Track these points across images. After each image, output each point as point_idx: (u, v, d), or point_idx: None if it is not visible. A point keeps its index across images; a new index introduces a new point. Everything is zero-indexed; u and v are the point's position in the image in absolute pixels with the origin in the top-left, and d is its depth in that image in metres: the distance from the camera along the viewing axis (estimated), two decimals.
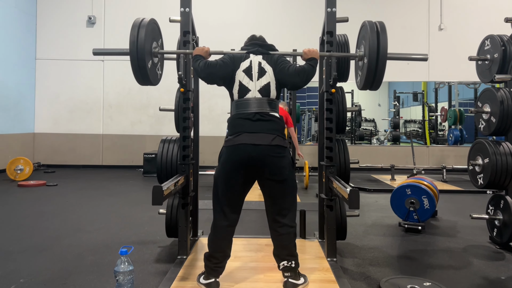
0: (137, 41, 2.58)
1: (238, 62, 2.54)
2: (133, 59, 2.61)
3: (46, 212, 4.74)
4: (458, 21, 9.15)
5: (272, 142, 2.37)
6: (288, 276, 2.42)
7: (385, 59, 2.51)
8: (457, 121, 9.45)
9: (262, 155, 2.35)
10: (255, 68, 2.51)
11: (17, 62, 8.62)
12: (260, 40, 2.68)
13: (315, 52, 2.56)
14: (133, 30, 2.61)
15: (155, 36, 2.82)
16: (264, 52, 2.58)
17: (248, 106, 2.46)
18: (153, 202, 2.36)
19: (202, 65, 2.52)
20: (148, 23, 2.67)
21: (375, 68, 2.51)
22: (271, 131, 2.41)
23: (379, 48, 2.49)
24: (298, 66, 2.50)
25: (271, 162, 2.36)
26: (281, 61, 2.55)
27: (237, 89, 2.50)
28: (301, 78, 2.48)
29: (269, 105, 2.48)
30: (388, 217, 4.56)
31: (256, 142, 2.36)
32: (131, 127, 9.12)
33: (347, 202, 2.35)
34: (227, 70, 2.51)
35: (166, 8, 8.80)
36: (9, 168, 7.07)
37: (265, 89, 2.48)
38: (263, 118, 2.43)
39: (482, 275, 2.89)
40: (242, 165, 2.37)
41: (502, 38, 3.49)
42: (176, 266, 2.84)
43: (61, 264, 3.01)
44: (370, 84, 2.59)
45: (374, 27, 2.55)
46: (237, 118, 2.47)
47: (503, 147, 3.33)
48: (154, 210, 4.19)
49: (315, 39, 4.17)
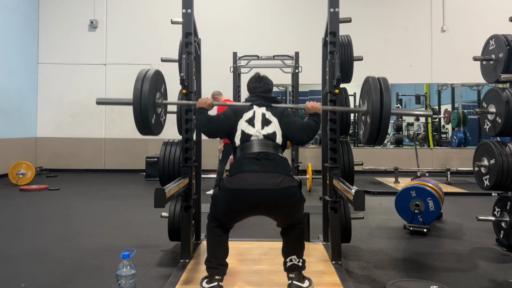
0: (141, 95, 2.52)
1: (240, 114, 2.52)
2: (136, 112, 2.53)
3: (48, 216, 4.72)
4: (461, 23, 9.12)
5: (279, 184, 2.23)
6: (293, 278, 2.38)
7: (389, 117, 2.47)
8: (460, 123, 9.39)
9: (269, 203, 2.25)
10: (259, 118, 2.48)
11: (19, 66, 8.63)
12: (263, 86, 2.65)
13: (318, 107, 2.57)
14: (137, 83, 2.54)
15: (158, 87, 2.76)
16: (268, 104, 2.56)
17: (252, 146, 2.41)
18: (155, 205, 2.34)
19: (204, 120, 2.52)
20: (152, 76, 2.60)
21: (379, 126, 2.47)
22: (277, 171, 2.28)
23: (382, 107, 2.44)
24: (304, 122, 2.50)
25: (280, 208, 2.29)
26: (286, 114, 2.54)
27: (239, 137, 2.47)
28: (307, 134, 2.47)
29: (274, 148, 2.42)
30: (392, 220, 4.52)
31: (262, 185, 2.21)
32: (133, 131, 9.01)
33: (352, 203, 2.32)
34: (229, 124, 2.51)
35: (168, 10, 8.82)
36: (11, 172, 7.06)
37: (271, 136, 2.45)
38: (268, 157, 2.34)
39: (490, 277, 2.85)
40: (244, 211, 2.32)
41: (507, 37, 3.46)
42: (178, 270, 2.81)
43: (62, 268, 2.98)
44: (373, 140, 2.55)
45: (377, 86, 2.51)
46: (241, 157, 2.40)
47: (509, 148, 3.29)
48: (156, 214, 4.16)
49: (316, 41, 4.16)
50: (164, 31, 8.41)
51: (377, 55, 8.96)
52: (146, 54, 9.04)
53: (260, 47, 8.31)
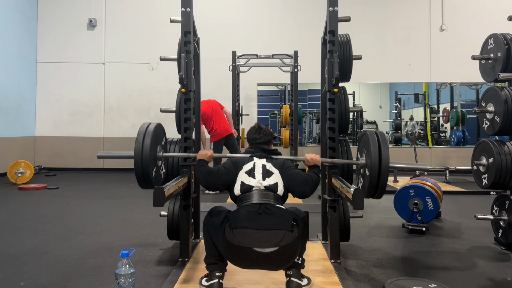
0: (142, 150, 2.55)
1: (240, 166, 2.52)
2: (138, 166, 2.56)
3: (46, 215, 4.72)
4: (460, 22, 9.13)
5: (281, 242, 2.16)
6: (291, 275, 2.38)
7: (387, 171, 2.48)
8: (459, 122, 9.41)
9: (268, 264, 2.24)
10: (259, 169, 2.48)
11: (18, 65, 8.62)
12: (263, 137, 2.67)
13: (318, 160, 2.61)
14: (138, 138, 2.57)
15: (159, 140, 2.78)
16: (268, 156, 2.57)
17: (252, 197, 2.38)
18: (154, 204, 2.34)
19: (205, 173, 2.52)
20: (153, 130, 2.63)
21: (377, 181, 2.48)
22: (278, 227, 2.21)
23: (380, 161, 2.46)
24: (305, 175, 2.50)
25: (280, 263, 2.30)
26: (287, 166, 2.55)
27: (238, 188, 2.45)
28: (309, 187, 2.47)
29: (275, 199, 2.40)
30: (391, 219, 4.52)
31: (262, 245, 2.15)
32: (132, 129, 9.08)
33: (351, 202, 2.33)
34: (229, 177, 2.51)
35: (167, 9, 8.79)
36: (10, 171, 7.05)
37: (273, 187, 2.43)
38: (269, 210, 2.28)
39: (488, 276, 2.85)
40: (242, 264, 2.31)
41: (506, 36, 3.46)
42: (178, 268, 2.81)
43: (61, 267, 2.98)
44: (373, 194, 2.56)
45: (375, 140, 2.53)
46: (241, 208, 2.36)
47: (507, 146, 3.30)
48: (155, 213, 4.16)
49: (315, 40, 4.16)
50: (163, 30, 8.39)
51: (376, 54, 8.96)
52: (145, 53, 9.04)
53: (259, 46, 8.31)
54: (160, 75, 9.01)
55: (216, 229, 2.33)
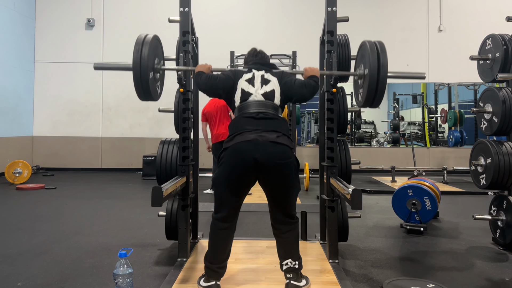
0: (141, 58, 2.55)
1: (240, 75, 2.55)
2: (136, 77, 2.55)
3: (44, 215, 4.70)
4: (458, 23, 9.15)
5: (277, 139, 2.28)
6: (290, 278, 2.39)
7: (386, 77, 2.49)
8: (457, 123, 9.43)
9: (266, 159, 2.24)
10: (258, 79, 2.52)
11: (16, 65, 8.59)
12: (261, 58, 2.69)
13: (316, 70, 2.64)
14: (136, 47, 2.56)
15: (157, 53, 2.77)
16: (266, 68, 2.60)
17: (250, 106, 2.44)
18: (152, 203, 2.33)
19: (204, 78, 2.57)
20: (151, 40, 2.62)
21: (376, 86, 2.50)
22: (275, 129, 2.34)
23: (379, 66, 2.47)
24: (303, 80, 2.57)
25: (276, 170, 2.28)
26: (286, 74, 2.59)
27: (239, 95, 2.49)
28: (308, 90, 2.52)
29: (273, 108, 2.46)
30: (389, 219, 4.53)
31: (260, 138, 2.26)
32: (130, 129, 9.08)
33: (350, 202, 2.32)
34: (229, 82, 2.53)
35: (165, 9, 8.80)
36: (7, 171, 7.03)
37: (269, 95, 2.48)
38: (267, 116, 2.39)
39: (486, 276, 2.86)
40: (244, 170, 2.29)
41: (504, 37, 3.47)
42: (176, 268, 2.80)
43: (59, 267, 2.97)
44: (371, 102, 2.58)
45: (374, 47, 2.54)
46: (239, 117, 2.44)
47: (505, 147, 3.31)
48: (153, 213, 4.15)
49: (314, 40, 4.16)
50: (162, 30, 8.34)
51: None
52: None
53: (258, 46, 8.27)
54: None
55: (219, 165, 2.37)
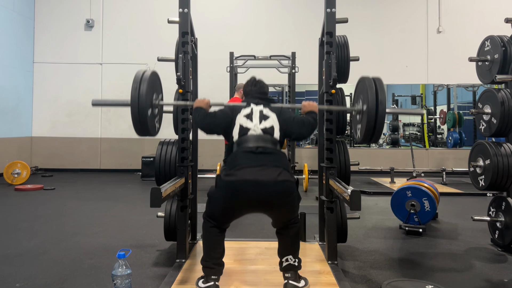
0: (139, 96, 2.51)
1: (238, 110, 2.52)
2: (134, 113, 2.51)
3: (43, 216, 4.70)
4: (456, 24, 9.16)
5: (278, 177, 2.21)
6: (289, 278, 2.38)
7: (384, 115, 2.47)
8: (456, 124, 9.43)
9: (268, 199, 2.23)
10: (256, 114, 2.49)
11: (15, 65, 8.59)
12: (260, 89, 2.67)
13: (314, 105, 2.63)
14: (134, 84, 2.53)
15: (155, 88, 2.74)
16: (265, 103, 2.58)
17: (249, 141, 2.38)
18: (151, 204, 2.33)
19: (202, 115, 2.54)
20: (150, 77, 2.59)
21: (374, 125, 2.46)
22: (276, 164, 2.27)
23: (377, 105, 2.44)
24: (303, 117, 2.54)
25: (279, 206, 2.29)
26: (284, 110, 2.57)
27: (237, 131, 2.45)
28: (307, 129, 2.50)
29: (272, 143, 2.41)
30: (388, 220, 4.53)
31: (260, 177, 2.20)
32: (129, 130, 8.96)
33: (349, 203, 2.32)
34: (227, 119, 2.50)
35: (164, 9, 8.80)
36: (6, 172, 7.02)
37: (269, 130, 2.44)
38: (266, 151, 2.33)
39: (485, 277, 2.86)
40: (243, 208, 2.30)
41: (502, 38, 3.48)
42: (174, 269, 2.80)
43: (58, 268, 2.96)
44: (369, 139, 2.54)
45: (372, 85, 2.50)
46: (238, 152, 2.37)
47: (504, 148, 3.31)
48: (152, 214, 4.14)
49: (314, 41, 4.16)
50: (161, 31, 8.40)
51: (374, 56, 8.98)
52: (143, 53, 9.02)
53: (257, 47, 8.31)
54: None
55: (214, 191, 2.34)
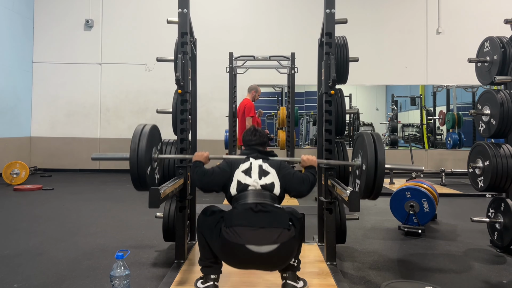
0: (138, 151, 2.52)
1: (236, 165, 2.50)
2: (133, 168, 2.52)
3: (42, 216, 4.69)
4: (456, 25, 9.17)
5: (277, 240, 2.14)
6: (287, 277, 2.37)
7: (383, 172, 2.47)
8: (455, 125, 9.43)
9: (264, 262, 2.21)
10: (255, 169, 2.46)
11: (14, 65, 8.57)
12: (259, 139, 2.66)
13: (313, 160, 2.61)
14: (134, 139, 2.54)
15: (154, 142, 2.76)
16: (264, 157, 2.56)
17: (248, 197, 2.35)
18: (150, 205, 2.33)
19: (200, 174, 2.49)
20: (149, 132, 2.62)
21: (374, 181, 2.46)
22: (275, 225, 2.20)
23: (376, 163, 2.44)
24: (302, 174, 2.50)
25: (275, 267, 2.31)
26: (284, 166, 2.55)
27: (235, 187, 2.42)
28: (306, 187, 2.46)
29: (271, 199, 2.37)
30: (387, 221, 4.52)
31: (259, 243, 2.13)
32: (128, 130, 9.05)
33: (348, 204, 2.32)
34: (225, 176, 2.48)
35: (163, 10, 8.80)
36: (5, 172, 7.00)
37: (269, 187, 2.41)
38: (266, 209, 2.26)
39: (483, 279, 2.86)
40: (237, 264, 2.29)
41: (502, 39, 3.48)
42: (173, 270, 2.80)
43: (56, 268, 2.96)
44: (368, 195, 2.55)
45: (371, 141, 2.51)
46: (236, 207, 2.33)
47: (503, 149, 3.31)
48: (151, 214, 4.14)
49: (313, 42, 4.16)
50: (160, 31, 8.39)
51: (373, 57, 8.98)
52: (142, 53, 9.02)
53: (256, 48, 8.29)
54: (156, 76, 9.00)
55: (211, 230, 2.31)
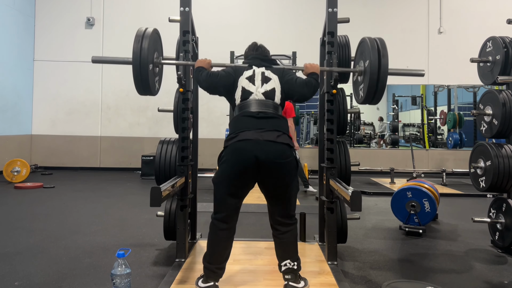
0: (141, 50, 2.54)
1: (240, 72, 2.54)
2: (136, 69, 2.55)
3: (42, 214, 4.69)
4: (458, 25, 9.15)
5: (277, 139, 2.29)
6: (289, 279, 2.37)
7: (387, 70, 2.48)
8: (456, 125, 9.43)
9: (266, 157, 2.24)
10: (258, 76, 2.51)
11: (15, 63, 8.58)
12: (261, 53, 2.67)
13: (316, 67, 2.60)
14: (136, 39, 2.56)
15: (157, 47, 2.77)
16: (266, 65, 2.59)
17: (251, 105, 2.43)
18: (151, 204, 2.32)
19: (205, 75, 2.54)
20: (151, 34, 2.62)
21: (377, 80, 2.49)
22: (276, 128, 2.34)
23: (380, 59, 2.46)
24: (304, 78, 2.54)
25: (276, 168, 2.28)
26: (287, 72, 2.58)
27: (239, 94, 2.48)
28: (308, 89, 2.50)
29: (273, 108, 2.45)
30: (388, 220, 4.52)
31: (260, 138, 2.27)
32: (129, 129, 9.07)
33: (349, 204, 2.32)
34: (229, 80, 2.52)
35: (165, 8, 8.78)
36: (5, 170, 7.01)
37: (270, 94, 2.47)
38: (267, 115, 2.39)
39: (485, 279, 2.85)
40: (244, 168, 2.28)
41: (505, 39, 3.47)
42: (174, 269, 2.79)
43: (57, 266, 2.96)
44: (372, 97, 2.57)
45: (374, 43, 2.54)
46: (240, 116, 2.43)
47: (505, 149, 3.31)
48: (152, 213, 4.14)
49: (315, 41, 4.15)
50: (162, 29, 8.32)
51: None
52: None
53: None
54: None
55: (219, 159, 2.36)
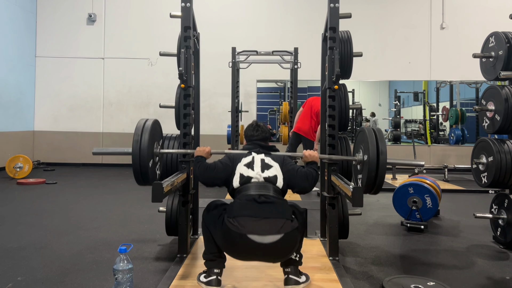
0: (140, 146, 2.52)
1: (238, 160, 2.50)
2: (135, 163, 2.53)
3: (45, 210, 4.71)
4: (460, 20, 9.10)
5: (280, 230, 2.14)
6: (289, 272, 2.38)
7: (385, 167, 2.46)
8: (458, 121, 9.40)
9: (267, 259, 2.26)
10: (258, 163, 2.46)
11: (17, 59, 8.58)
12: (260, 134, 2.66)
13: (315, 156, 2.59)
14: (136, 134, 2.54)
15: (156, 137, 2.76)
16: (266, 152, 2.56)
17: (251, 188, 2.34)
18: (153, 199, 2.33)
19: (202, 169, 2.50)
20: (151, 126, 2.61)
21: (375, 176, 2.46)
22: (278, 216, 2.20)
23: (378, 157, 2.43)
24: (305, 170, 2.49)
25: (277, 259, 2.31)
26: (287, 161, 2.54)
27: (238, 180, 2.41)
28: (309, 183, 2.46)
29: (274, 191, 2.36)
30: (390, 216, 4.52)
31: (261, 233, 2.12)
32: (131, 125, 9.05)
33: (351, 199, 2.32)
34: (227, 171, 2.47)
35: (166, 4, 8.79)
36: (8, 165, 7.03)
37: (272, 179, 2.40)
38: (268, 200, 2.26)
39: (486, 275, 2.85)
40: (239, 255, 2.28)
41: (507, 35, 3.45)
42: (176, 264, 2.81)
43: (59, 261, 2.97)
44: (371, 189, 2.54)
45: (373, 137, 2.50)
46: (241, 199, 2.31)
47: (507, 145, 3.29)
48: (154, 208, 4.15)
49: (316, 36, 4.14)
50: (163, 25, 8.36)
51: (376, 52, 8.94)
52: (145, 48, 9.01)
53: (259, 43, 8.27)
54: (159, 70, 9.00)
55: (214, 221, 2.32)
